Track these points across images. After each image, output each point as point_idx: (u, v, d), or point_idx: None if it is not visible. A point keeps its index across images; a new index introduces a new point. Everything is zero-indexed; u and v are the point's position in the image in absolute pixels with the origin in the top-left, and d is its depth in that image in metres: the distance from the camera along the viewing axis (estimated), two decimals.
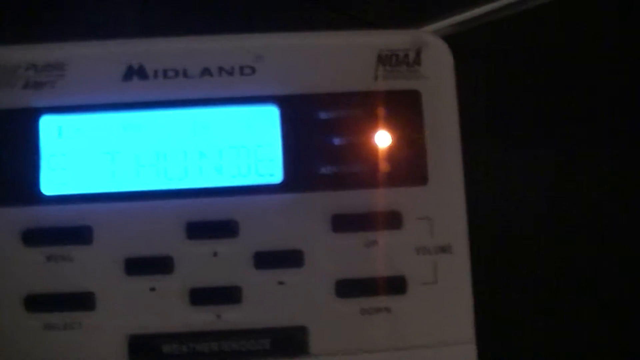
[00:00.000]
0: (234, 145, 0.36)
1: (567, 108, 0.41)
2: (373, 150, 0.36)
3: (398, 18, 0.37)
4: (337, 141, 0.36)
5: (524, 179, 0.40)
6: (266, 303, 0.35)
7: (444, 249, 0.35)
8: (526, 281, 0.40)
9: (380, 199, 0.35)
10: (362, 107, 0.36)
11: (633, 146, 0.41)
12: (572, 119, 0.41)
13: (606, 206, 0.41)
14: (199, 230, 0.35)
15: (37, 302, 0.35)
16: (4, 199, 0.35)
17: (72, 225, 0.35)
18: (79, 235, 0.35)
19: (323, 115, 0.36)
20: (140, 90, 0.36)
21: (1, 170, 0.35)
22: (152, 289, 0.35)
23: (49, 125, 0.36)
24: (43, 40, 0.36)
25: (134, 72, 0.36)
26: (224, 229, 0.35)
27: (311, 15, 0.39)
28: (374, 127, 0.36)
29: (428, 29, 0.37)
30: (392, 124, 0.36)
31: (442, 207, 0.36)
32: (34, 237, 0.35)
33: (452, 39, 0.37)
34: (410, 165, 0.36)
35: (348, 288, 0.35)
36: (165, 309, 0.35)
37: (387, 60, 0.36)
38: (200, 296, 0.35)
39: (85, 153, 0.36)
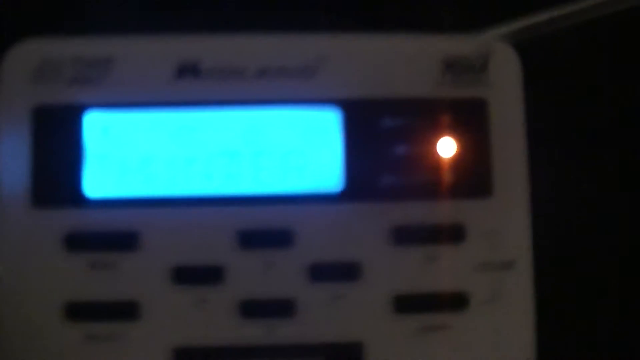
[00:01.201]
0: (291, 151, 0.34)
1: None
2: (437, 160, 0.34)
3: (461, 21, 0.35)
4: (400, 149, 0.34)
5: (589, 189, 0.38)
6: (321, 318, 0.33)
7: (508, 265, 0.34)
8: (593, 298, 0.38)
9: (443, 211, 0.34)
10: (426, 115, 0.34)
11: None
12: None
13: None
14: (252, 239, 0.33)
15: (78, 311, 0.33)
16: (46, 200, 0.33)
17: (118, 231, 0.33)
18: (125, 241, 0.33)
19: (386, 122, 0.34)
20: (193, 88, 0.34)
21: (44, 170, 0.33)
22: (201, 300, 0.33)
23: (94, 123, 0.34)
24: (91, 34, 0.34)
25: (187, 70, 0.34)
26: (278, 238, 0.33)
27: (373, 15, 0.37)
28: (438, 136, 0.34)
29: (492, 34, 0.35)
30: (457, 133, 0.34)
31: (506, 221, 0.34)
32: (77, 242, 0.33)
33: (518, 46, 0.35)
34: (475, 177, 0.34)
35: (407, 304, 0.34)
36: (214, 321, 0.33)
37: (454, 66, 0.34)
38: (252, 309, 0.33)
39: (132, 154, 0.34)
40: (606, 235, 0.39)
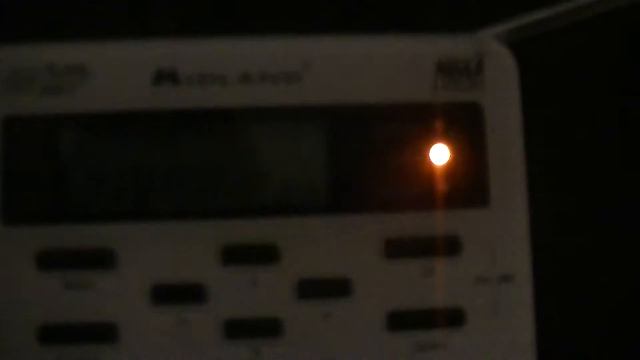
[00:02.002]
0: (275, 160, 0.32)
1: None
2: (430, 168, 0.32)
3: (452, 22, 0.34)
4: (390, 158, 0.32)
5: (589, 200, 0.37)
6: (310, 337, 0.32)
7: (506, 278, 0.32)
8: (594, 312, 0.37)
9: (437, 222, 0.32)
10: (418, 121, 0.32)
11: None
12: None
13: None
14: (235, 255, 0.31)
15: (52, 334, 0.31)
16: (17, 216, 0.31)
17: (93, 248, 0.31)
18: (100, 259, 0.31)
19: (375, 129, 0.32)
20: (171, 96, 0.32)
21: (15, 184, 0.32)
22: (182, 320, 0.31)
23: (68, 135, 0.32)
24: (63, 39, 0.32)
25: (165, 76, 0.32)
26: (263, 254, 0.32)
27: (362, 17, 0.35)
28: (431, 143, 0.32)
29: (486, 34, 0.34)
30: (451, 140, 0.32)
31: (504, 232, 0.32)
32: (50, 259, 0.31)
33: (513, 46, 0.33)
34: (470, 185, 0.32)
35: (401, 320, 0.32)
36: (196, 343, 0.31)
37: (447, 69, 0.32)
38: (237, 329, 0.31)
39: (108, 167, 0.32)
40: (607, 242, 0.37)
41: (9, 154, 0.32)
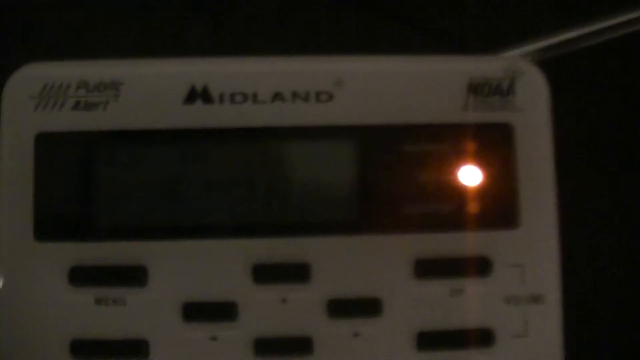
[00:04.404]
0: (306, 179, 0.32)
1: None
2: (461, 189, 0.32)
3: (479, 41, 0.34)
4: (421, 178, 0.32)
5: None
6: (340, 356, 0.32)
7: (536, 299, 0.32)
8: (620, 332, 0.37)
9: (468, 242, 0.32)
10: (449, 141, 0.32)
11: None
12: None
13: None
14: (266, 273, 0.32)
15: (84, 349, 0.31)
16: (50, 232, 0.32)
17: (125, 264, 0.32)
18: (132, 275, 0.32)
19: (406, 148, 0.32)
20: (203, 114, 0.32)
21: (47, 201, 0.32)
22: (213, 338, 0.31)
23: (100, 152, 0.32)
24: (96, 57, 0.32)
25: (198, 95, 0.32)
26: (294, 272, 0.32)
27: (391, 35, 0.35)
28: (462, 163, 0.32)
29: (516, 54, 0.34)
30: (482, 160, 0.32)
31: (534, 253, 0.32)
32: (82, 275, 0.32)
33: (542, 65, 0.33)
34: (501, 206, 0.32)
35: (430, 341, 0.32)
36: None
37: (479, 89, 0.32)
38: (267, 347, 0.32)
39: (141, 184, 0.32)
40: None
41: (41, 171, 0.32)
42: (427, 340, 0.32)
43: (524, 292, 0.32)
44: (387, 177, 0.32)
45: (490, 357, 0.32)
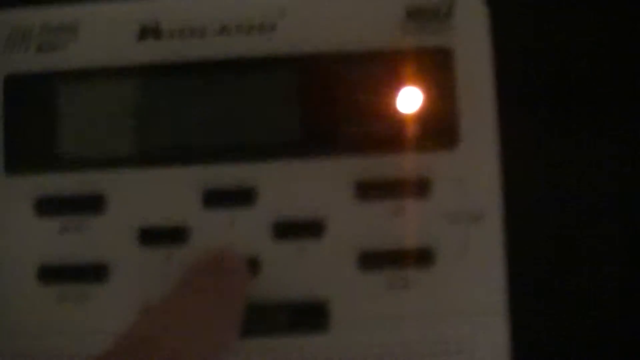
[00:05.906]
0: (252, 106, 0.34)
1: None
2: (400, 111, 0.33)
3: None
4: (361, 101, 0.33)
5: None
6: (285, 276, 0.33)
7: (476, 218, 0.33)
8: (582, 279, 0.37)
9: (407, 163, 0.33)
10: (389, 66, 0.33)
11: None
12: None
13: None
14: (215, 198, 0.33)
15: (50, 274, 0.34)
16: (17, 166, 0.34)
17: (86, 194, 0.34)
18: (92, 203, 0.34)
19: (346, 74, 0.33)
20: (155, 50, 0.34)
21: (16, 137, 0.34)
22: (167, 259, 0.33)
23: (62, 89, 0.34)
24: (58, 2, 0.35)
25: (149, 32, 0.34)
26: (241, 197, 0.33)
27: None
28: (401, 87, 0.33)
29: None
30: (422, 84, 0.33)
31: (474, 173, 0.33)
32: (47, 206, 0.34)
33: None
34: (440, 128, 0.33)
35: (373, 260, 0.33)
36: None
37: (417, 14, 0.33)
38: None
39: (98, 117, 0.34)
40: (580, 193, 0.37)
41: (10, 109, 0.34)
42: (369, 259, 0.33)
43: (463, 211, 0.33)
44: (328, 101, 0.33)
45: (432, 275, 0.33)
